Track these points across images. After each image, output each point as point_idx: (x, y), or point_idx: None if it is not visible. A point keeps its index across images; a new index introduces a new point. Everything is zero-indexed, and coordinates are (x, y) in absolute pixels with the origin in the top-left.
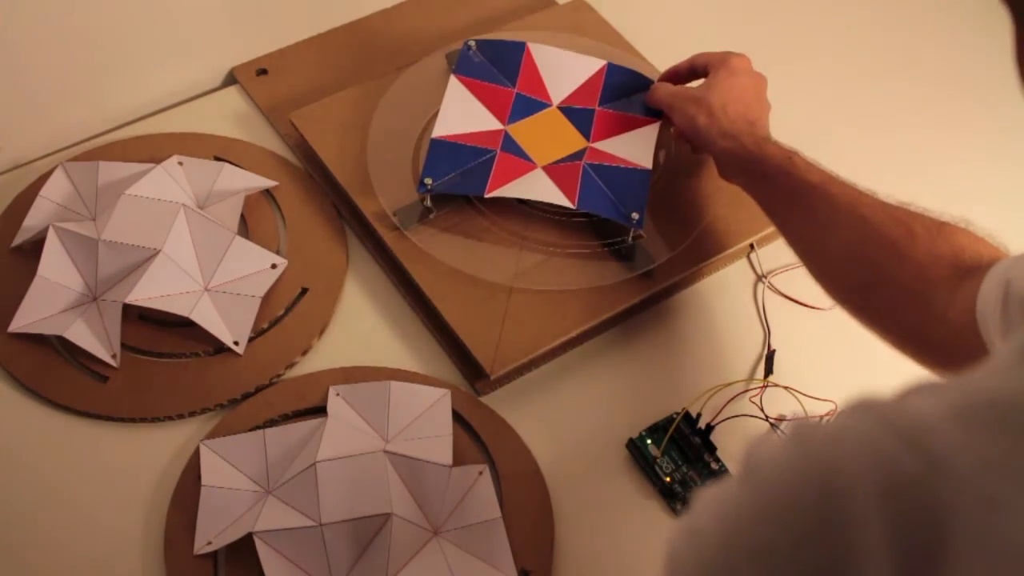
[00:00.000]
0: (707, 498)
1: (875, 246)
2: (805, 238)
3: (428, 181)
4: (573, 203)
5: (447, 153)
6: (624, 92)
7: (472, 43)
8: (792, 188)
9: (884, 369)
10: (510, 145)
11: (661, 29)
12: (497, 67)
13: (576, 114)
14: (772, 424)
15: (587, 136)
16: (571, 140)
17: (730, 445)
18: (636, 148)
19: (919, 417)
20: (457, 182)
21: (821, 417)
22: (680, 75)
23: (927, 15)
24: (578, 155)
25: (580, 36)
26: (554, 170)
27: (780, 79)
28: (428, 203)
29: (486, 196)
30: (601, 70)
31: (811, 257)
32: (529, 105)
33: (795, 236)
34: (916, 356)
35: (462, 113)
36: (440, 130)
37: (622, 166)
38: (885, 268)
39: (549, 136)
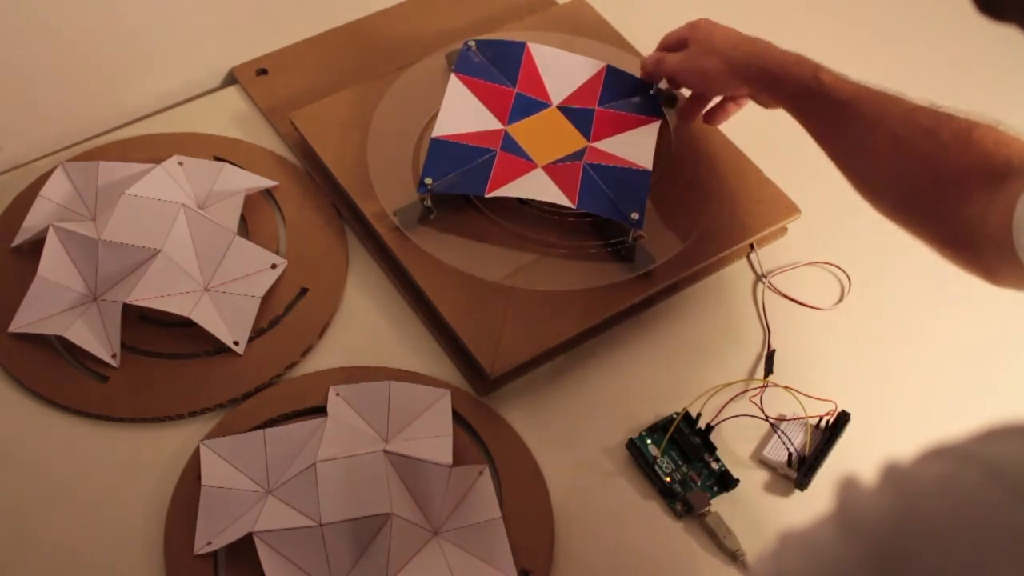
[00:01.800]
0: (798, 544)
1: (908, 162)
2: (841, 158)
3: (428, 181)
4: (573, 203)
5: (447, 153)
6: (623, 93)
7: (472, 43)
8: (821, 108)
9: (884, 370)
10: (510, 145)
11: (661, 29)
12: (497, 67)
13: (576, 114)
14: (772, 424)
15: (587, 136)
16: (571, 140)
17: (730, 445)
18: (636, 148)
19: (1018, 464)
20: (457, 182)
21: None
22: (658, 48)
23: (928, 10)
24: (578, 155)
25: (580, 36)
26: (554, 170)
27: None
28: (428, 203)
29: (486, 196)
30: (601, 71)
31: (850, 176)
32: (529, 105)
33: (832, 155)
34: (957, 262)
35: (462, 113)
36: (440, 130)
37: (622, 166)
38: (919, 183)
39: (549, 136)
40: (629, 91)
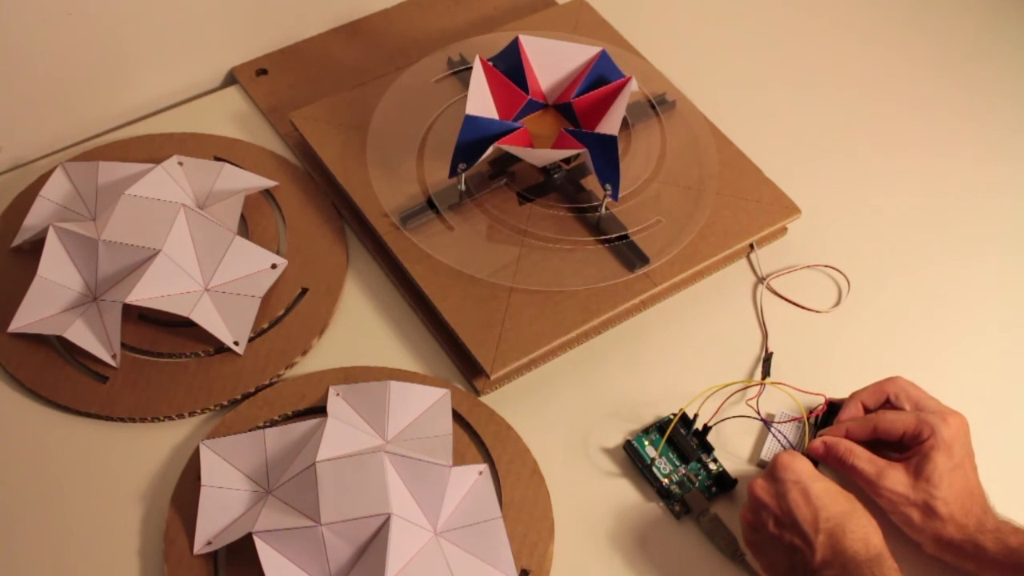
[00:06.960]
0: None
1: None
2: None
3: (462, 166)
4: (580, 147)
5: (479, 128)
6: (604, 80)
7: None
8: None
9: (880, 374)
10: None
11: (661, 29)
12: (509, 77)
13: (566, 110)
14: (768, 425)
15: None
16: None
17: (728, 446)
18: (612, 122)
19: None
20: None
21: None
22: (863, 432)
23: (922, 13)
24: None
25: (580, 36)
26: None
27: (780, 77)
28: (462, 186)
29: (498, 145)
30: (591, 60)
31: None
32: (531, 108)
33: None
34: None
35: (482, 99)
36: (472, 108)
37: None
38: None
39: (547, 137)
40: (609, 76)
